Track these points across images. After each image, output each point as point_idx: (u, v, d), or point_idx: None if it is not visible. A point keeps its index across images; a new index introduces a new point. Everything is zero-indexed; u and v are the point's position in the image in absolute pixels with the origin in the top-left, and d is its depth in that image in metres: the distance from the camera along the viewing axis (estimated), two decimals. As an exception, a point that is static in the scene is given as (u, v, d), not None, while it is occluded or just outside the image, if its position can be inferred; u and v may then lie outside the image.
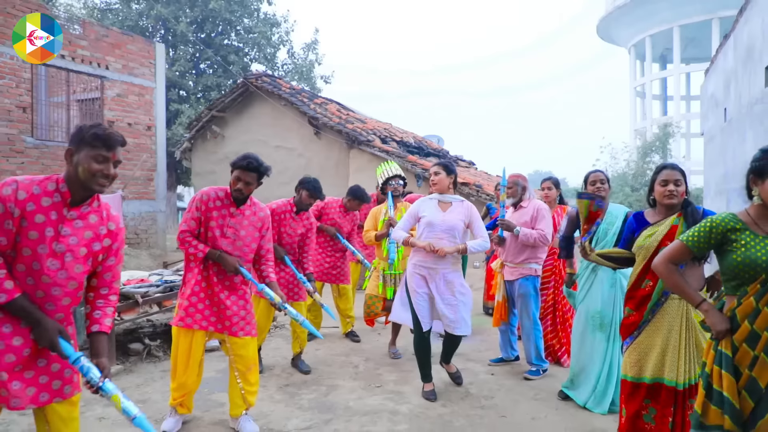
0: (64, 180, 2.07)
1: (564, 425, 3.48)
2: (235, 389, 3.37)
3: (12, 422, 3.49)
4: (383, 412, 3.70)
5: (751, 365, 2.04)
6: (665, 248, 2.40)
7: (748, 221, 2.15)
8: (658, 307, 2.81)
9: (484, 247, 3.90)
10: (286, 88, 10.99)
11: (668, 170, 2.81)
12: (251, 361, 3.39)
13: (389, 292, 4.85)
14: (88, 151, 2.03)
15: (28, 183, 2.03)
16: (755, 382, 2.03)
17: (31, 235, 2.00)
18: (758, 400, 2.04)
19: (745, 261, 2.08)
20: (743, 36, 9.98)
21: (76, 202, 2.09)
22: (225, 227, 3.25)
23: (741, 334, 2.06)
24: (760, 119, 8.72)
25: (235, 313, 3.31)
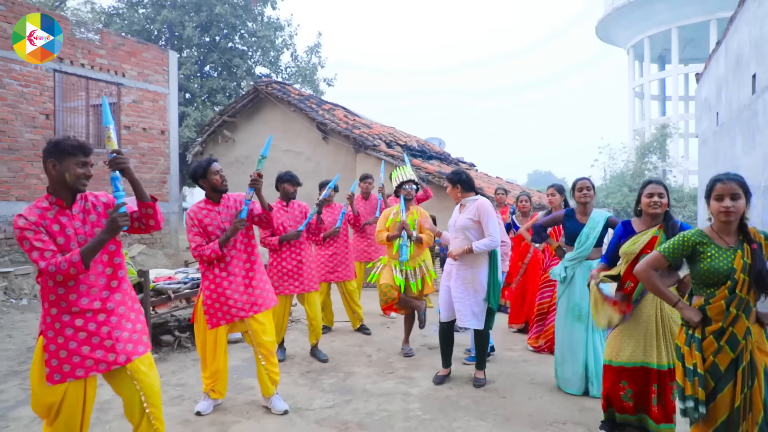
0: (50, 193, 2.52)
1: (557, 405, 3.94)
2: (262, 373, 3.81)
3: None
4: (397, 393, 4.16)
5: (715, 353, 2.48)
6: (646, 257, 2.83)
7: (712, 236, 2.57)
8: (637, 304, 3.28)
9: (490, 245, 4.14)
10: (295, 95, 11.45)
11: (653, 185, 3.29)
12: (271, 346, 3.80)
13: (402, 284, 4.91)
14: (70, 159, 2.45)
15: (30, 208, 2.48)
16: (716, 367, 2.48)
17: (59, 240, 2.46)
18: (717, 380, 2.49)
19: (710, 270, 2.50)
20: (733, 44, 10.43)
21: (69, 203, 2.54)
22: (220, 223, 3.69)
23: (712, 328, 2.50)
24: (747, 124, 9.18)
25: (251, 294, 3.69)
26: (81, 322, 2.50)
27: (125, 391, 2.64)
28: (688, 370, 2.53)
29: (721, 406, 2.45)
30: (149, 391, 2.66)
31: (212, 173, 3.67)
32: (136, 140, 11.52)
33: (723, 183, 2.49)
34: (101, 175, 11.19)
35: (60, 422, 2.51)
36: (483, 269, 4.24)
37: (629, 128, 39.42)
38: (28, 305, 7.42)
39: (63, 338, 2.47)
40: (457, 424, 3.58)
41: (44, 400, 2.49)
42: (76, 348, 2.48)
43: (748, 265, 2.41)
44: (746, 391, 2.41)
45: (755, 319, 2.45)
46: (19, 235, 2.40)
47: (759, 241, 2.44)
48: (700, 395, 2.48)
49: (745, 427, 2.42)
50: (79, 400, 2.53)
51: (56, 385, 2.46)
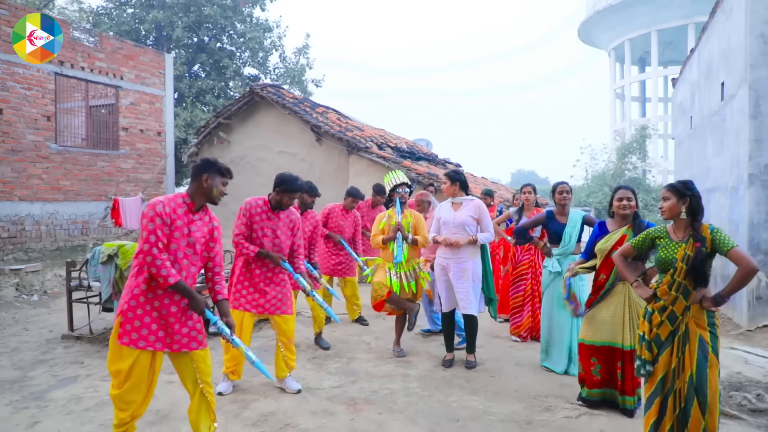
0: (188, 195, 3.03)
1: (539, 382, 4.45)
2: (280, 357, 4.27)
3: (98, 386, 4.36)
4: (396, 375, 4.62)
5: (658, 325, 3.02)
6: (620, 247, 3.43)
7: (669, 231, 3.12)
8: (608, 292, 3.85)
9: (489, 239, 4.77)
10: (290, 98, 11.85)
11: (622, 190, 3.92)
12: (291, 335, 4.28)
13: (395, 286, 5.00)
14: (221, 179, 3.03)
15: (170, 199, 2.97)
16: (659, 336, 3.03)
17: (176, 234, 2.93)
18: (660, 346, 3.02)
19: (660, 257, 3.06)
20: (705, 52, 11.05)
21: (196, 209, 3.04)
22: (265, 228, 4.14)
23: (657, 305, 3.03)
24: (717, 129, 9.79)
25: (275, 297, 4.19)
26: (158, 304, 2.93)
27: (183, 368, 3.07)
28: (640, 337, 3.10)
29: (661, 365, 3.00)
30: (203, 372, 3.08)
31: (290, 197, 4.12)
32: (133, 141, 11.84)
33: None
34: (100, 175, 11.51)
35: (129, 386, 2.93)
36: (478, 261, 4.77)
37: (610, 129, 40.29)
38: (39, 301, 7.75)
39: (142, 311, 2.91)
40: (453, 399, 4.06)
41: (114, 365, 2.92)
42: (149, 323, 2.92)
43: (688, 256, 2.93)
44: (680, 355, 2.95)
45: (696, 299, 2.96)
46: (151, 216, 2.83)
47: (706, 236, 2.94)
48: (646, 356, 3.04)
49: (679, 384, 2.95)
50: (146, 370, 2.96)
51: (128, 353, 2.89)
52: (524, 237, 4.98)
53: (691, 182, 3.07)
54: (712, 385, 2.89)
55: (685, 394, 2.90)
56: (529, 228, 5.06)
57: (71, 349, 5.43)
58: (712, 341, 2.91)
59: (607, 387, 3.88)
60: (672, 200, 3.03)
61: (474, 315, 4.79)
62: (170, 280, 2.84)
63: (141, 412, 3.03)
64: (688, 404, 2.90)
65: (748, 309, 6.87)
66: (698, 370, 2.88)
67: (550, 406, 3.94)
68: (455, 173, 4.91)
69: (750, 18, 7.71)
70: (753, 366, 4.85)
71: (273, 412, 3.84)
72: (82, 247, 10.98)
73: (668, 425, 2.96)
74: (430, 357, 5.18)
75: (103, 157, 11.43)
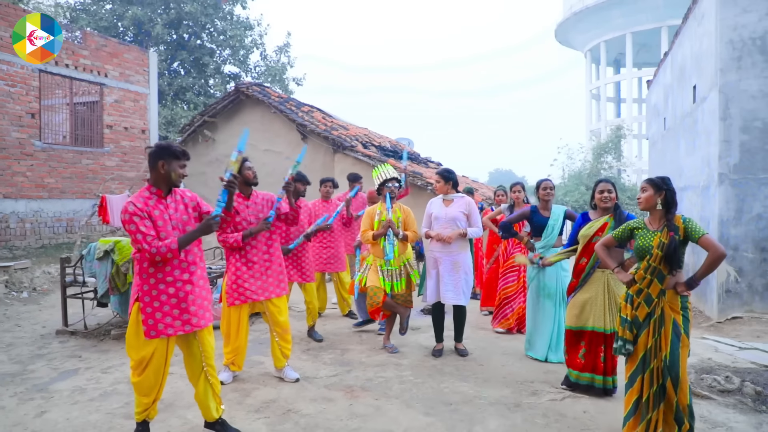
0: (151, 185, 3.15)
1: (525, 369, 4.71)
2: (276, 348, 4.43)
3: (100, 378, 4.48)
4: (389, 364, 4.84)
5: (636, 307, 3.29)
6: (602, 237, 3.72)
7: (646, 222, 3.39)
8: (589, 276, 4.13)
9: (478, 234, 5.05)
10: (275, 97, 11.97)
11: (603, 183, 4.21)
12: (286, 325, 4.43)
13: (388, 286, 5.03)
14: (177, 162, 3.11)
15: (137, 196, 3.10)
16: (637, 318, 3.30)
17: (159, 223, 3.07)
18: (638, 327, 3.29)
19: (638, 245, 3.33)
20: (678, 56, 11.49)
21: (165, 194, 3.17)
22: (247, 215, 4.28)
23: (634, 288, 3.30)
24: (689, 130, 10.21)
25: (269, 281, 4.30)
26: (173, 290, 3.10)
27: (191, 349, 3.25)
28: (623, 319, 3.37)
29: (640, 346, 3.28)
30: (208, 354, 3.28)
31: (246, 168, 4.20)
32: (118, 139, 11.84)
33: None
34: (84, 173, 11.48)
35: (149, 372, 3.10)
36: (468, 254, 5.02)
37: (586, 129, 41.07)
38: (29, 297, 7.78)
39: (159, 302, 3.07)
40: (444, 385, 4.29)
41: (138, 354, 3.08)
42: (169, 311, 3.09)
43: (663, 244, 3.20)
44: (656, 336, 3.22)
45: (671, 284, 3.23)
46: (128, 219, 2.96)
47: (678, 225, 3.22)
48: (628, 336, 3.31)
49: (656, 363, 3.22)
50: (163, 355, 3.13)
51: (149, 341, 3.06)
52: (509, 231, 5.22)
53: (668, 178, 3.34)
54: (683, 364, 3.18)
55: (661, 371, 3.17)
56: (515, 222, 5.31)
57: (67, 344, 5.52)
58: (684, 324, 3.19)
59: (588, 371, 4.14)
60: (649, 192, 3.30)
61: (464, 305, 5.03)
62: (173, 246, 2.98)
63: (160, 395, 3.21)
64: (664, 380, 3.18)
65: (718, 302, 7.25)
66: (672, 350, 3.15)
67: (536, 390, 4.19)
68: (447, 172, 5.13)
69: (720, 25, 8.08)
70: (722, 353, 5.17)
71: (274, 399, 4.02)
72: (67, 244, 10.95)
73: (644, 399, 3.23)
74: (421, 347, 5.40)
75: (88, 155, 11.40)
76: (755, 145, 7.83)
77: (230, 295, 4.27)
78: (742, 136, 7.91)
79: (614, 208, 4.12)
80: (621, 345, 3.31)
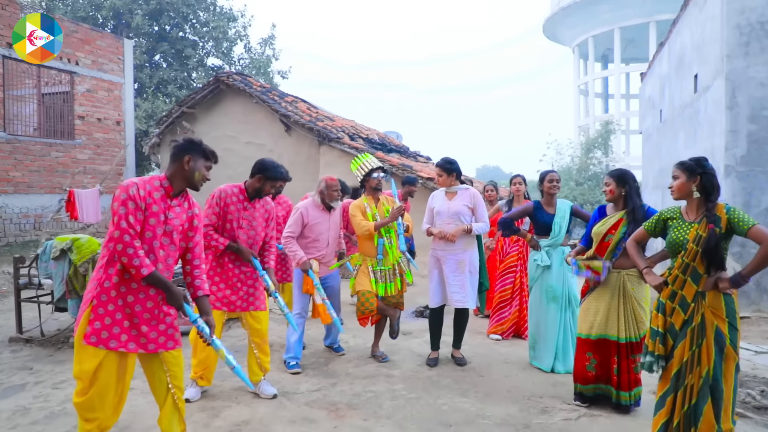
0: (166, 177, 2.71)
1: (531, 381, 4.21)
2: (253, 359, 3.91)
3: (49, 394, 3.92)
4: (379, 375, 4.32)
5: (671, 313, 2.81)
6: (634, 233, 3.24)
7: (682, 211, 2.92)
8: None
9: (484, 229, 4.53)
10: (257, 86, 11.39)
11: (606, 177, 3.74)
12: (265, 335, 3.93)
13: (380, 289, 4.52)
14: (204, 162, 2.74)
15: (145, 182, 2.64)
16: (673, 326, 2.83)
17: (151, 221, 2.60)
18: (675, 337, 2.81)
19: (671, 239, 2.86)
20: (676, 45, 11.07)
21: (175, 194, 2.72)
22: (241, 220, 3.78)
23: (666, 292, 2.82)
24: (689, 121, 9.81)
25: (249, 293, 3.85)
26: (132, 299, 2.60)
27: (153, 368, 2.74)
28: (653, 331, 2.88)
29: (676, 360, 2.79)
30: (175, 373, 2.76)
31: (273, 184, 3.84)
32: (90, 131, 11.19)
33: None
34: (54, 166, 10.83)
35: (94, 393, 2.57)
36: (475, 252, 4.51)
37: (575, 125, 40.83)
38: (-15, 300, 7.16)
39: (113, 306, 2.58)
40: (442, 401, 3.79)
41: (80, 366, 2.56)
42: (120, 320, 2.58)
43: (700, 237, 2.73)
44: (695, 348, 2.74)
45: (709, 285, 2.76)
46: (123, 199, 2.52)
47: (721, 216, 2.74)
48: (659, 350, 2.83)
49: (691, 380, 2.74)
50: (113, 374, 2.60)
51: (93, 353, 2.55)
52: (511, 228, 4.70)
53: (705, 159, 2.88)
54: (728, 381, 2.70)
55: (698, 390, 2.69)
56: (516, 219, 4.81)
57: (19, 354, 4.95)
58: (730, 333, 2.71)
59: (602, 382, 3.68)
60: (681, 179, 2.85)
61: (467, 309, 4.54)
62: (143, 272, 2.51)
63: (110, 424, 2.67)
64: (700, 401, 2.70)
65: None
66: (714, 366, 2.68)
67: (547, 407, 3.70)
68: (449, 163, 4.59)
69: (726, 8, 7.66)
70: (749, 361, 4.73)
71: (247, 420, 3.49)
72: (34, 242, 10.29)
73: (675, 422, 2.76)
74: (413, 355, 4.90)
75: (57, 147, 10.73)
76: (764, 136, 7.43)
77: None
78: (749, 126, 7.51)
79: (626, 202, 3.63)
80: (650, 362, 2.82)
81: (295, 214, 4.48)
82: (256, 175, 3.79)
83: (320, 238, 4.53)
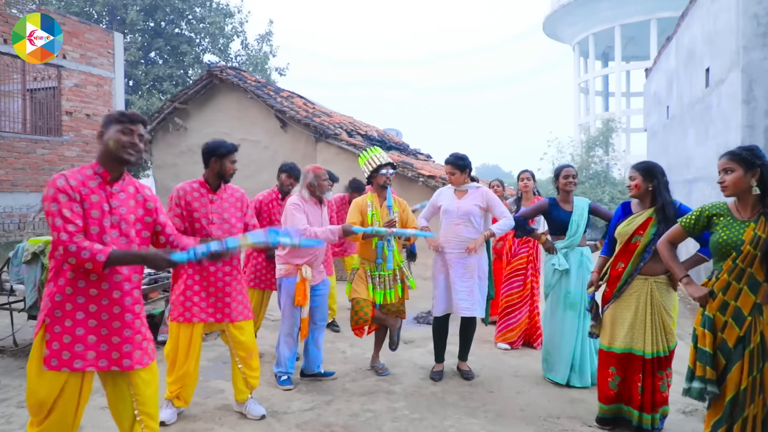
0: (98, 162, 2.35)
1: (546, 397, 3.83)
2: (238, 376, 3.51)
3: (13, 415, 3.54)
4: (379, 392, 3.94)
5: (722, 328, 2.43)
6: (668, 232, 2.85)
7: (731, 208, 2.56)
8: (626, 286, 3.25)
9: (509, 225, 4.12)
10: (252, 81, 11.00)
11: (631, 170, 3.31)
12: (251, 347, 3.52)
13: (378, 296, 4.13)
14: (115, 127, 2.31)
15: (74, 172, 2.29)
16: (725, 343, 2.44)
17: (93, 213, 2.25)
18: (728, 358, 2.43)
19: (720, 240, 2.49)
20: (684, 39, 10.69)
21: (113, 179, 2.35)
22: (210, 214, 3.37)
23: (716, 303, 2.44)
24: (701, 117, 9.43)
25: (233, 299, 3.42)
26: (95, 309, 2.25)
27: (119, 388, 2.37)
28: (701, 352, 2.50)
29: (730, 385, 2.42)
30: (144, 399, 2.39)
31: (230, 160, 3.40)
32: (78, 127, 10.79)
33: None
34: (40, 164, 10.44)
35: (51, 422, 2.22)
36: (484, 256, 4.17)
37: (575, 123, 40.54)
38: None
39: (71, 321, 2.23)
40: (449, 423, 3.41)
41: (39, 394, 2.21)
42: (83, 336, 2.23)
43: (759, 239, 2.35)
44: (756, 373, 2.37)
45: None
46: (52, 195, 2.18)
47: None
48: (709, 375, 2.45)
49: (754, 410, 2.36)
50: (75, 398, 2.26)
51: (54, 378, 2.20)
52: (524, 228, 4.31)
53: (758, 148, 2.50)
54: None
55: (762, 422, 2.31)
56: (530, 217, 4.42)
57: (-11, 366, 4.57)
58: None
59: (623, 402, 3.31)
60: (738, 172, 2.47)
61: (475, 318, 4.16)
62: (99, 258, 2.15)
63: None
64: None
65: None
66: None
67: (565, 429, 3.32)
68: (460, 159, 4.17)
69: (743, -3, 7.29)
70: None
71: (231, 446, 3.12)
72: (19, 243, 9.89)
73: None
74: (415, 368, 4.52)
75: (44, 144, 10.34)
76: (783, 131, 7.07)
77: (176, 308, 3.35)
78: (767, 121, 7.15)
79: (653, 197, 3.22)
80: (699, 388, 2.44)
81: (294, 207, 3.91)
82: (210, 160, 3.38)
83: None
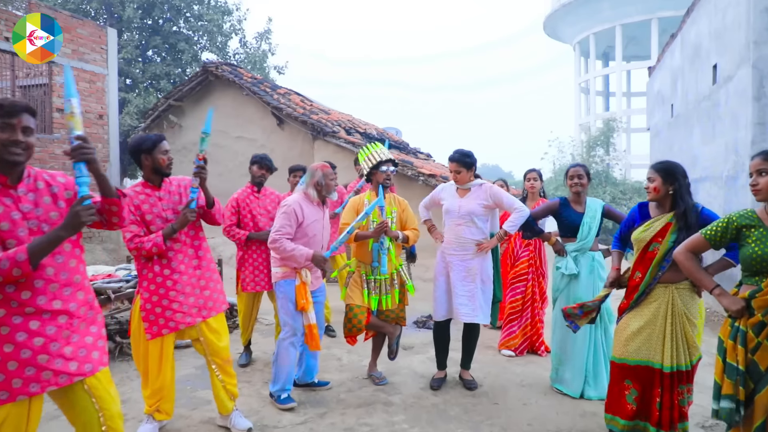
0: None
1: (555, 409, 3.59)
2: (218, 386, 3.24)
3: None
4: (377, 403, 3.70)
5: (754, 350, 2.19)
6: (687, 241, 2.59)
7: (763, 217, 2.30)
8: (645, 296, 2.98)
9: (523, 217, 3.82)
10: (248, 78, 10.76)
11: (649, 171, 3.04)
12: (227, 353, 3.25)
13: (374, 302, 3.88)
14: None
15: None
16: (756, 365, 2.19)
17: (2, 226, 1.97)
18: (758, 380, 2.19)
19: (756, 254, 2.23)
20: (690, 36, 10.46)
21: (13, 181, 2.04)
22: (163, 212, 3.11)
23: (752, 322, 2.19)
24: (707, 114, 9.20)
25: (213, 289, 3.20)
26: (37, 325, 2.00)
27: (80, 411, 2.12)
28: (730, 367, 2.26)
29: (759, 409, 2.17)
30: (110, 412, 2.16)
31: (160, 151, 3.09)
32: (70, 125, 10.54)
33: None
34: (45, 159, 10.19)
35: None
36: (489, 257, 3.92)
37: (575, 123, 40.37)
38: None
39: (13, 346, 1.96)
40: (451, 438, 3.17)
41: None
42: (31, 357, 1.97)
43: None
44: None
45: None
46: None
47: None
48: (740, 394, 2.22)
49: None
50: (22, 426, 2.01)
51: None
52: (533, 229, 4.06)
53: None
54: None
55: None
56: (539, 218, 4.17)
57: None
58: None
59: (640, 418, 3.06)
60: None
61: (478, 324, 3.92)
62: (20, 258, 1.89)
63: None
64: None
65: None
66: None
67: (577, 446, 3.09)
68: (466, 156, 3.89)
69: (754, -9, 7.06)
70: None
71: (215, 464, 2.88)
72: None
73: None
74: (415, 376, 4.27)
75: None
76: (796, 129, 6.84)
77: (152, 324, 3.05)
78: (779, 119, 6.92)
79: (676, 201, 2.93)
80: (729, 409, 2.20)
81: (286, 211, 3.59)
82: (140, 158, 3.11)
83: (315, 240, 3.71)
